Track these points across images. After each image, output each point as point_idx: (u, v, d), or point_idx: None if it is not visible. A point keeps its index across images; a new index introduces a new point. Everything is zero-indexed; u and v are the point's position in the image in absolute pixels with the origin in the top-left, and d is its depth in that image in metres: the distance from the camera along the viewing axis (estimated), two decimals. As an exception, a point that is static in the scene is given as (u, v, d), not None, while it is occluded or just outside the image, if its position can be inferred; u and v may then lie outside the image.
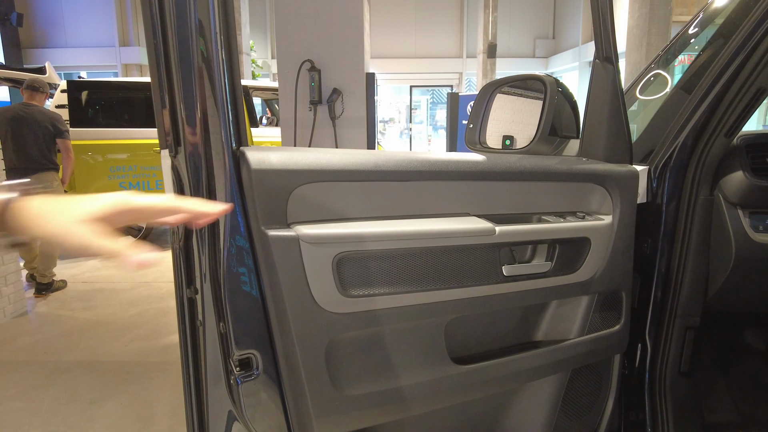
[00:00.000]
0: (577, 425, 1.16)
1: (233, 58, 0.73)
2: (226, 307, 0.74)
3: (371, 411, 0.85)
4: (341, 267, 0.79)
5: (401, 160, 0.85)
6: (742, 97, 1.08)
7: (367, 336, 0.84)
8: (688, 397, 1.25)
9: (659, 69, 1.39)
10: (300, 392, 0.79)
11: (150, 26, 0.71)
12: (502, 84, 1.29)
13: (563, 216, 1.03)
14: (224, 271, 0.73)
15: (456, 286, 0.89)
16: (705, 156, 1.14)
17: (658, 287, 1.18)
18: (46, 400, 2.40)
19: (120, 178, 4.93)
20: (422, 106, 19.05)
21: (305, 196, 0.78)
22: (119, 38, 15.54)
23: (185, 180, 0.74)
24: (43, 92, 4.02)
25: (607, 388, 1.19)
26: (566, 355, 1.06)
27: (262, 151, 0.75)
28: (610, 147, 1.10)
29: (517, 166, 0.97)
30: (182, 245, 0.79)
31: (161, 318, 3.44)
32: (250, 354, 0.76)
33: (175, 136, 0.74)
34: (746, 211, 1.18)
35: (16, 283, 3.56)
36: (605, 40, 1.04)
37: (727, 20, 1.17)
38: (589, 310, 1.08)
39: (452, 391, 0.93)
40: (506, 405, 1.11)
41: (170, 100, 0.72)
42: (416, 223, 0.86)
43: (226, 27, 0.71)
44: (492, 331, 1.03)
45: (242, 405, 0.77)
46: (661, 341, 1.21)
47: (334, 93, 3.72)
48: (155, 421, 2.22)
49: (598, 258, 1.04)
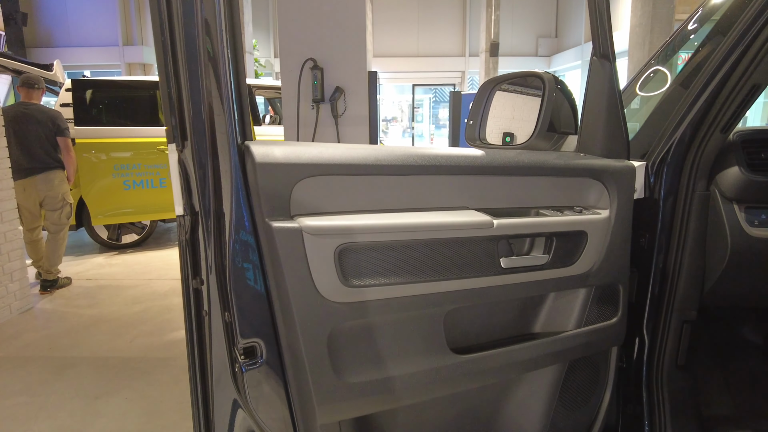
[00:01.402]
0: (575, 416, 1.18)
1: (238, 56, 0.75)
2: (231, 297, 0.76)
3: (372, 398, 0.88)
4: (343, 258, 0.81)
5: (401, 154, 0.87)
6: (738, 93, 1.10)
7: (368, 325, 0.86)
8: (685, 390, 1.27)
9: (659, 65, 1.41)
10: (303, 380, 0.81)
11: (158, 24, 0.73)
12: (502, 81, 1.31)
13: (561, 210, 1.05)
14: (229, 262, 0.75)
15: (455, 277, 0.91)
16: (701, 152, 1.16)
17: (656, 281, 1.20)
18: (52, 394, 2.43)
19: (124, 176, 4.96)
20: (425, 104, 19.05)
21: (308, 189, 0.80)
22: (123, 37, 15.58)
23: (191, 173, 0.77)
24: (39, 89, 3.97)
25: (605, 380, 1.20)
26: (563, 347, 1.07)
27: (267, 145, 0.78)
28: (607, 143, 1.12)
29: (516, 160, 0.99)
30: (188, 237, 0.81)
31: (165, 315, 3.47)
32: (255, 342, 0.78)
33: (182, 131, 0.76)
34: (742, 206, 1.20)
35: (21, 280, 3.59)
36: (602, 38, 1.06)
37: (723, 17, 1.18)
38: (587, 302, 1.09)
39: (451, 380, 0.95)
40: (504, 395, 1.13)
41: (177, 96, 0.75)
42: (416, 215, 0.88)
43: (232, 25, 0.74)
44: (490, 322, 1.05)
45: (246, 393, 0.79)
46: (658, 335, 1.22)
47: (336, 91, 3.74)
48: (160, 415, 2.25)
49: (595, 251, 1.06)
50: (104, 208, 4.93)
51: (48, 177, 3.88)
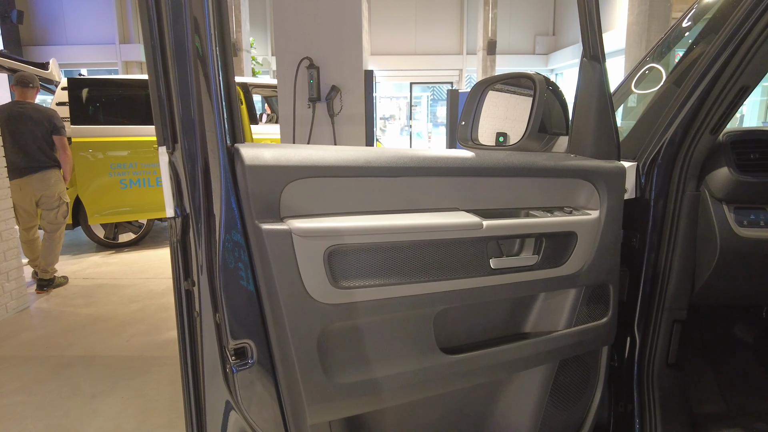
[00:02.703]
0: (565, 415, 1.19)
1: (227, 56, 0.75)
2: (221, 298, 0.76)
3: (362, 398, 0.88)
4: (332, 259, 0.82)
5: (392, 156, 0.88)
6: (727, 94, 1.11)
7: (357, 326, 0.87)
8: (676, 389, 1.28)
9: (654, 62, 1.41)
10: (293, 380, 0.82)
11: (147, 25, 0.73)
12: (494, 82, 1.31)
13: (551, 211, 1.06)
14: (220, 264, 0.76)
15: (445, 278, 0.92)
16: (691, 152, 1.16)
17: (647, 281, 1.21)
18: (48, 393, 2.44)
19: (120, 175, 4.96)
20: (422, 103, 19.04)
21: (298, 192, 0.80)
22: (119, 35, 15.54)
23: (182, 176, 0.77)
24: (34, 88, 3.95)
25: (595, 379, 1.21)
26: (554, 346, 1.08)
27: (256, 147, 0.78)
28: (597, 143, 1.13)
29: (506, 162, 1.00)
30: (179, 239, 0.82)
31: (162, 314, 3.47)
32: (245, 343, 0.79)
33: (172, 133, 0.77)
34: (731, 207, 1.21)
35: (18, 279, 3.59)
36: (592, 39, 1.06)
37: (714, 17, 1.19)
38: (577, 302, 1.10)
39: (441, 380, 0.96)
40: (495, 395, 1.14)
41: (167, 97, 0.75)
42: (406, 217, 0.88)
43: (220, 25, 0.74)
44: (480, 323, 1.05)
45: (238, 393, 0.79)
46: (649, 334, 1.23)
47: (332, 90, 3.74)
48: (156, 414, 2.25)
49: (585, 252, 1.07)
50: (101, 207, 4.93)
51: (44, 176, 3.88)
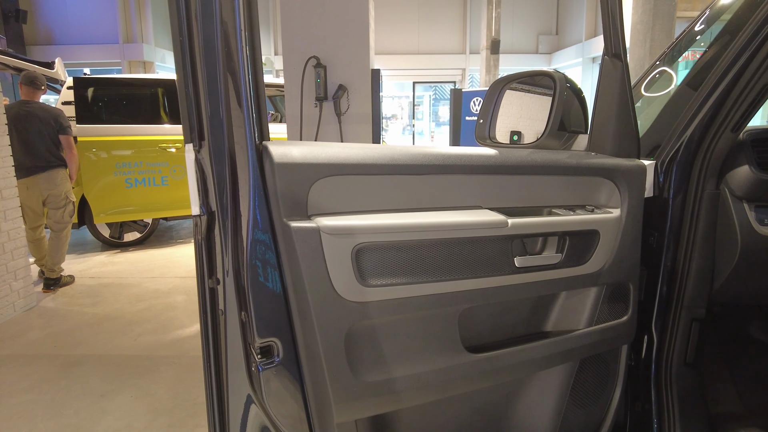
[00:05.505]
0: (585, 414, 1.18)
1: (257, 55, 0.75)
2: (248, 296, 0.76)
3: (389, 397, 0.88)
4: (360, 257, 0.82)
5: (416, 154, 0.88)
6: (749, 92, 1.10)
7: (384, 324, 0.87)
8: (694, 388, 1.27)
9: (665, 66, 1.41)
10: (320, 379, 0.81)
11: (176, 24, 0.73)
12: (512, 80, 1.31)
13: (573, 209, 1.05)
14: (247, 262, 0.75)
15: (469, 276, 0.91)
16: (711, 151, 1.16)
17: (665, 280, 1.20)
18: (57, 392, 2.44)
19: (126, 174, 4.96)
20: (425, 102, 19.03)
21: (324, 189, 0.80)
22: (123, 35, 15.53)
23: (208, 173, 0.77)
24: (41, 87, 3.96)
25: (615, 378, 1.21)
26: (575, 345, 1.08)
27: (284, 145, 0.78)
28: (618, 142, 1.12)
29: (528, 160, 1.00)
30: (204, 237, 0.82)
31: (168, 313, 3.47)
32: (271, 342, 0.79)
33: (199, 131, 0.76)
34: (752, 205, 1.20)
35: (25, 278, 3.59)
36: (614, 37, 1.06)
37: (733, 17, 1.19)
38: (598, 301, 1.10)
39: (465, 379, 0.96)
40: (517, 393, 1.14)
41: (195, 95, 0.75)
42: (431, 215, 0.88)
43: (250, 25, 0.74)
44: (504, 321, 1.05)
45: (262, 391, 0.79)
46: (667, 333, 1.23)
47: (339, 89, 3.73)
48: (165, 413, 2.25)
49: (606, 250, 1.06)
50: (106, 206, 4.93)
51: (51, 175, 3.88)
